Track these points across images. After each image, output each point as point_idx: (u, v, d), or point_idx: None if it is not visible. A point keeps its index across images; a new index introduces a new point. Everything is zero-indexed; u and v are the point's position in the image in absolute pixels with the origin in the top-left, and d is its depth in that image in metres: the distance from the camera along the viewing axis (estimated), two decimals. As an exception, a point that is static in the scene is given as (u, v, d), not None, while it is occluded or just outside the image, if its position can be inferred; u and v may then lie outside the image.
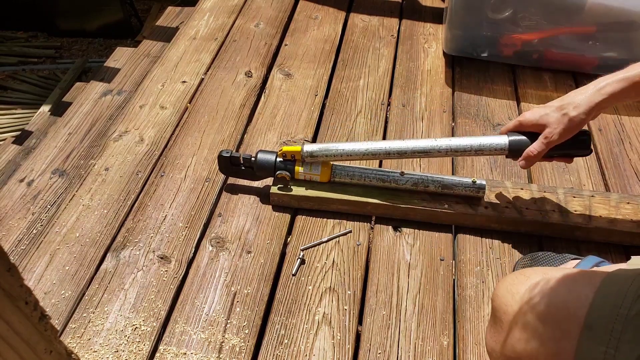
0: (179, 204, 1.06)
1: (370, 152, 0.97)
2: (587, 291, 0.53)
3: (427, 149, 0.95)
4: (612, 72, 1.44)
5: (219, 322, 0.88)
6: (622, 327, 0.49)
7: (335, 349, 0.85)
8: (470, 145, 0.94)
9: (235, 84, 1.37)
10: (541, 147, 0.88)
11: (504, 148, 0.93)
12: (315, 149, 1.00)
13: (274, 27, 1.58)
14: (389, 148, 0.97)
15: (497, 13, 1.34)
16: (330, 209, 1.04)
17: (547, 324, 0.54)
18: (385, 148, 0.97)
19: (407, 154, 0.96)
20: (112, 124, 1.26)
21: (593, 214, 1.00)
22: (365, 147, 0.97)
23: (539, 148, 0.88)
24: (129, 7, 2.86)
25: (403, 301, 0.92)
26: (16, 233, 1.02)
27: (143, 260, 0.96)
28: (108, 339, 0.85)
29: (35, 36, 2.87)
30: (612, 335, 0.49)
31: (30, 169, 1.16)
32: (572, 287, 0.55)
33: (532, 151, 0.89)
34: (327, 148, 0.99)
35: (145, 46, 1.62)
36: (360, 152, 0.98)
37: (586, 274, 0.57)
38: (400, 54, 1.50)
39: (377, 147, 0.97)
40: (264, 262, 0.97)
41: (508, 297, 0.59)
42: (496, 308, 0.61)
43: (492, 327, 0.62)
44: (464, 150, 0.94)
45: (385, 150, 0.97)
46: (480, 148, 0.94)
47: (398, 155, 0.97)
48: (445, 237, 1.02)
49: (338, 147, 0.98)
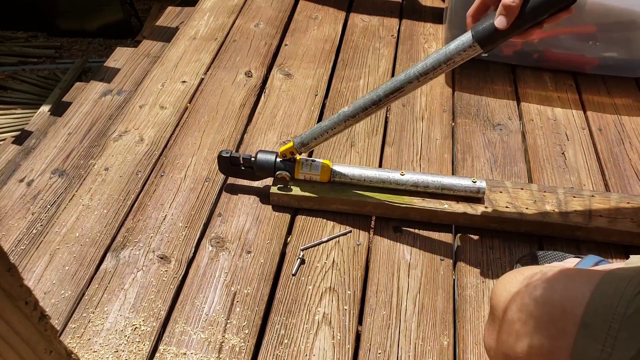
0: (178, 203, 1.06)
1: (349, 115, 0.94)
2: (584, 289, 0.53)
3: (398, 85, 0.89)
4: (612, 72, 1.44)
5: (219, 322, 0.88)
6: (619, 325, 0.49)
7: (335, 349, 0.85)
8: (437, 59, 0.85)
9: (235, 83, 1.37)
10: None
11: (471, 44, 0.80)
12: (304, 137, 0.99)
13: (274, 27, 1.58)
14: (364, 103, 0.92)
15: (497, 13, 1.33)
16: (330, 209, 1.04)
17: (543, 322, 0.54)
18: (360, 105, 0.93)
19: (381, 100, 0.91)
20: (112, 124, 1.26)
21: (593, 214, 1.00)
22: (343, 114, 0.95)
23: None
24: (129, 7, 2.86)
25: (403, 301, 0.92)
26: (16, 233, 1.02)
27: (143, 260, 0.96)
28: (108, 339, 0.85)
29: (35, 36, 2.87)
30: (609, 334, 0.49)
31: (30, 169, 1.16)
32: (569, 286, 0.55)
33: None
34: (312, 131, 0.98)
35: (145, 46, 1.62)
36: (340, 119, 0.95)
37: (583, 273, 0.57)
38: (400, 54, 1.50)
39: (353, 107, 0.94)
40: (264, 262, 0.97)
41: (505, 296, 0.59)
42: (494, 306, 0.61)
43: (490, 324, 0.62)
44: (434, 67, 0.86)
45: (361, 106, 0.93)
46: (448, 57, 0.83)
47: (376, 107, 0.92)
48: (445, 237, 1.02)
49: (321, 125, 0.97)
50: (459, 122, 1.28)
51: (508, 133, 1.25)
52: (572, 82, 1.40)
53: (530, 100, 1.34)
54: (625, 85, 1.38)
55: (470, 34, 0.81)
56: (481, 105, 1.33)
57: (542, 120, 1.28)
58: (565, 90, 1.37)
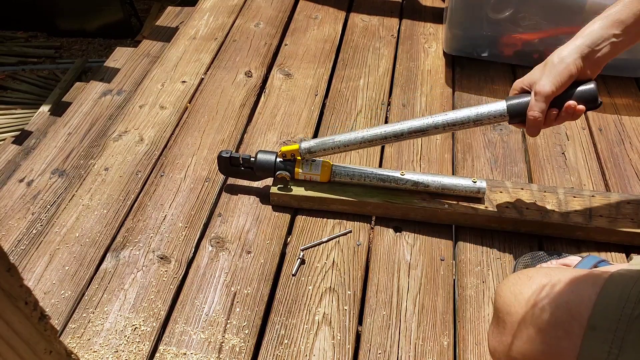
0: (178, 204, 1.06)
1: (367, 140, 0.95)
2: (590, 292, 0.53)
3: (423, 127, 0.92)
4: (612, 72, 1.44)
5: (219, 322, 0.88)
6: (626, 327, 0.49)
7: (335, 349, 0.85)
8: (468, 116, 0.89)
9: (235, 83, 1.37)
10: (538, 105, 0.82)
11: (503, 114, 0.87)
12: (312, 144, 0.99)
13: (274, 27, 1.58)
14: (385, 132, 0.94)
15: (498, 13, 1.34)
16: (330, 209, 1.04)
17: (550, 325, 0.54)
18: (381, 133, 0.94)
19: (403, 135, 0.93)
20: (111, 124, 1.26)
21: (593, 214, 1.00)
22: (361, 135, 0.95)
23: (536, 107, 0.82)
24: (129, 7, 2.86)
25: (403, 301, 0.92)
26: (16, 233, 1.02)
27: (143, 260, 0.96)
28: (108, 339, 0.85)
29: (35, 36, 2.87)
30: (616, 336, 0.49)
31: (30, 169, 1.16)
32: (576, 288, 0.55)
33: (531, 113, 0.83)
34: (323, 142, 0.99)
35: (145, 46, 1.62)
36: (357, 140, 0.96)
37: (589, 275, 0.57)
38: (401, 53, 1.50)
39: (373, 133, 0.95)
40: (264, 262, 0.97)
41: (511, 298, 0.59)
42: (499, 308, 0.61)
43: (494, 327, 0.62)
44: (462, 122, 0.90)
45: (381, 135, 0.94)
46: (479, 118, 0.89)
47: (395, 139, 0.94)
48: (446, 237, 1.02)
49: (334, 139, 0.98)
50: (459, 122, 1.28)
51: (508, 133, 1.25)
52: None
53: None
54: (626, 85, 1.38)
55: (504, 105, 0.87)
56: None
57: (542, 120, 1.28)
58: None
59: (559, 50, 0.83)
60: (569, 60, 0.81)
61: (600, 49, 0.81)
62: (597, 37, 0.80)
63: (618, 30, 0.79)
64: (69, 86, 2.10)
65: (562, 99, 0.83)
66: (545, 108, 0.82)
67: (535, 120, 0.83)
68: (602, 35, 0.80)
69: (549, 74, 0.82)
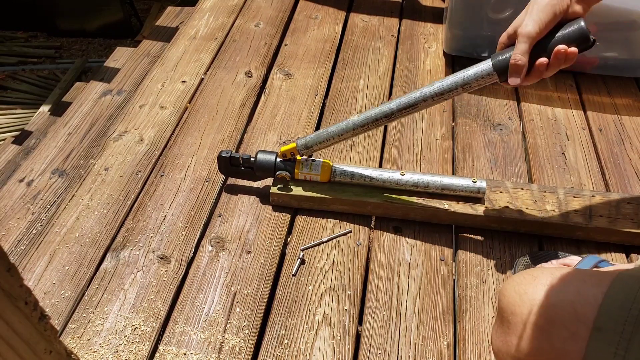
0: (178, 204, 1.06)
1: (359, 125, 0.94)
2: (596, 292, 0.53)
3: (412, 101, 0.89)
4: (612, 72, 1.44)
5: (219, 322, 0.88)
6: (632, 328, 0.49)
7: (335, 349, 0.85)
8: (455, 82, 0.86)
9: (235, 83, 1.37)
10: (520, 47, 0.76)
11: (490, 72, 0.82)
12: (308, 139, 0.99)
13: (274, 27, 1.58)
14: (375, 114, 0.93)
15: (498, 13, 1.34)
16: (330, 209, 1.04)
17: (555, 325, 0.54)
18: (372, 115, 0.93)
19: (394, 114, 0.91)
20: (111, 124, 1.26)
21: (593, 214, 1.00)
22: (352, 122, 0.95)
23: (518, 49, 0.76)
24: (129, 7, 2.86)
25: (403, 301, 0.92)
26: (16, 233, 1.02)
27: (143, 260, 0.96)
28: (108, 339, 0.85)
29: (35, 36, 2.87)
30: (622, 337, 0.49)
31: (30, 169, 1.16)
32: (581, 289, 0.54)
33: (514, 56, 0.77)
34: (318, 135, 0.98)
35: (145, 46, 1.62)
36: (350, 127, 0.95)
37: (595, 275, 0.57)
38: (401, 53, 1.50)
39: (364, 117, 0.94)
40: (264, 262, 0.97)
41: (515, 298, 0.59)
42: (503, 308, 0.60)
43: (498, 327, 0.61)
44: (450, 90, 0.87)
45: (372, 117, 0.93)
46: (466, 81, 0.85)
47: (386, 119, 0.92)
48: (446, 237, 1.02)
49: (328, 130, 0.97)
50: (459, 122, 1.28)
51: (508, 133, 1.25)
52: (572, 82, 1.40)
53: (531, 100, 1.34)
54: (626, 85, 1.38)
55: (490, 63, 0.82)
56: (481, 105, 1.33)
57: (542, 120, 1.28)
58: (565, 90, 1.37)
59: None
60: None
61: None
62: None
63: None
64: (69, 86, 2.10)
65: (550, 44, 0.77)
66: (527, 50, 0.76)
67: (516, 65, 0.77)
68: None
69: (531, 13, 0.75)
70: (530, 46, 0.76)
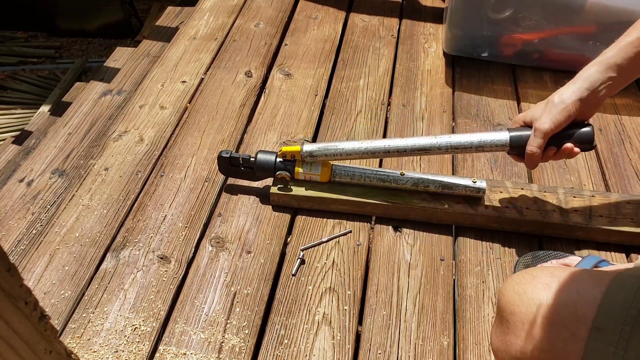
0: (178, 204, 1.06)
1: (370, 151, 0.97)
2: (595, 292, 0.53)
3: (427, 146, 0.95)
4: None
5: (219, 322, 0.88)
6: (631, 328, 0.49)
7: (335, 349, 0.85)
8: (471, 142, 0.93)
9: (235, 83, 1.37)
10: (537, 141, 0.88)
11: (505, 144, 0.92)
12: (315, 149, 0.99)
13: (274, 27, 1.58)
14: (389, 146, 0.96)
15: (498, 13, 1.34)
16: (330, 209, 1.04)
17: (554, 325, 0.54)
18: (384, 146, 0.96)
19: (406, 152, 0.96)
20: (111, 124, 1.26)
21: (593, 214, 1.00)
22: (364, 146, 0.97)
23: (534, 142, 0.88)
24: (129, 7, 2.86)
25: (403, 301, 0.92)
26: (16, 233, 1.02)
27: (143, 260, 0.96)
28: (108, 339, 0.85)
29: (35, 36, 2.87)
30: (621, 336, 0.49)
31: (30, 169, 1.16)
32: (581, 288, 0.55)
33: (529, 147, 0.89)
34: (326, 147, 0.99)
35: (145, 46, 1.62)
36: (360, 151, 0.97)
37: (594, 275, 0.57)
38: (401, 53, 1.50)
39: (377, 145, 0.97)
40: (264, 262, 0.97)
41: (515, 297, 0.59)
42: (502, 308, 0.61)
43: (498, 327, 0.62)
44: (465, 147, 0.93)
45: (384, 148, 0.96)
46: (481, 145, 0.93)
47: (397, 154, 0.97)
48: (446, 237, 1.02)
49: (337, 146, 0.98)
50: (459, 122, 1.28)
51: (508, 133, 1.25)
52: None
53: (531, 100, 1.34)
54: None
55: (507, 136, 0.92)
56: (481, 105, 1.33)
57: (542, 120, 1.28)
58: (565, 90, 1.37)
59: (560, 91, 0.88)
60: (569, 101, 0.86)
61: (598, 91, 0.86)
62: (595, 80, 0.85)
63: (614, 73, 0.84)
64: (69, 86, 2.10)
65: (560, 138, 0.89)
66: (542, 144, 0.88)
67: (532, 155, 0.89)
68: (600, 78, 0.85)
69: (549, 113, 0.87)
70: (545, 141, 0.88)
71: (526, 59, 1.41)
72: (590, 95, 0.86)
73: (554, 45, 1.37)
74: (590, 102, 0.86)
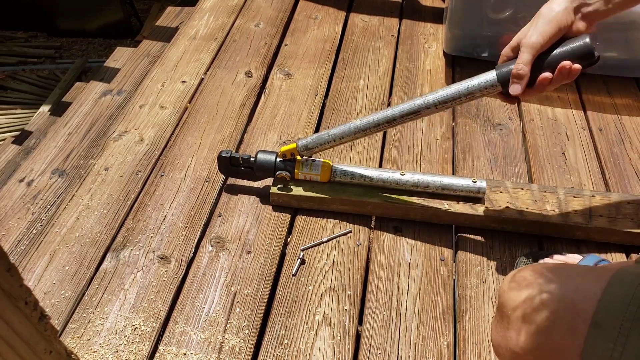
0: (178, 204, 1.06)
1: (361, 129, 0.95)
2: (595, 288, 0.53)
3: (415, 108, 0.90)
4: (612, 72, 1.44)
5: (219, 322, 0.88)
6: (630, 324, 0.49)
7: (335, 349, 0.85)
8: (459, 91, 0.87)
9: (235, 83, 1.37)
10: (525, 57, 0.77)
11: (494, 83, 0.83)
12: (309, 141, 0.99)
13: (274, 27, 1.58)
14: (377, 119, 0.93)
15: (498, 13, 1.34)
16: (330, 209, 1.04)
17: (554, 321, 0.54)
18: (374, 120, 0.93)
19: (396, 120, 0.92)
20: (111, 124, 1.26)
21: (593, 214, 1.00)
22: (354, 125, 0.95)
23: (522, 59, 0.77)
24: (129, 7, 2.86)
25: (403, 301, 0.92)
26: (16, 233, 1.02)
27: (143, 260, 0.96)
28: (108, 339, 0.85)
29: (35, 36, 2.87)
30: (620, 332, 0.49)
31: (30, 169, 1.16)
32: (580, 284, 0.55)
33: (517, 66, 0.78)
34: (319, 137, 0.99)
35: (145, 46, 1.62)
36: (351, 130, 0.96)
37: (594, 271, 0.57)
38: (401, 53, 1.50)
39: (366, 121, 0.94)
40: (264, 262, 0.97)
41: (515, 293, 0.59)
42: (503, 304, 0.61)
43: (498, 322, 0.62)
44: (454, 98, 0.87)
45: (374, 122, 0.93)
46: (470, 91, 0.86)
47: (388, 124, 0.93)
48: (446, 237, 1.02)
49: (329, 133, 0.98)
50: (459, 122, 1.28)
51: (508, 133, 1.25)
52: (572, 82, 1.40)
53: (531, 100, 1.34)
54: (625, 85, 1.38)
55: (494, 74, 0.83)
56: (481, 105, 1.33)
57: (542, 120, 1.28)
58: (565, 90, 1.37)
59: (549, 2, 0.78)
60: (558, 9, 0.76)
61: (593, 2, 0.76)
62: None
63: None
64: (69, 86, 2.10)
65: (554, 59, 0.77)
66: (530, 60, 0.77)
67: (518, 73, 0.78)
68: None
69: (536, 25, 0.77)
70: (534, 57, 0.77)
71: (526, 58, 1.41)
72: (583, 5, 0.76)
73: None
74: (584, 13, 0.77)
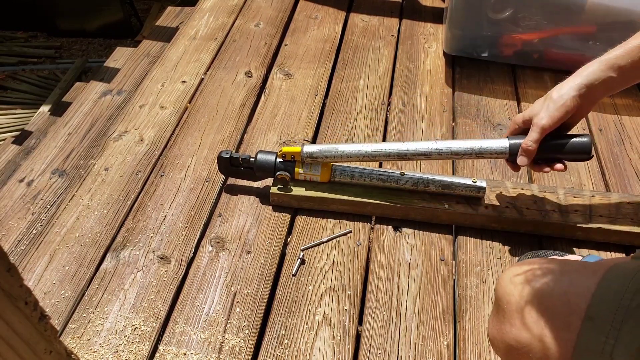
0: (178, 204, 1.06)
1: (370, 154, 0.97)
2: (589, 283, 0.53)
3: (427, 151, 0.95)
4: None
5: (219, 322, 0.88)
6: (622, 318, 0.49)
7: (335, 349, 0.85)
8: (471, 148, 0.93)
9: (235, 83, 1.37)
10: (534, 136, 0.88)
11: (505, 151, 0.92)
12: (315, 150, 0.99)
13: (274, 27, 1.58)
14: (389, 150, 0.96)
15: (498, 13, 1.34)
16: (330, 209, 1.04)
17: (548, 314, 0.55)
18: (385, 150, 0.96)
19: (407, 156, 0.96)
20: (111, 124, 1.26)
21: (593, 214, 1.00)
22: (365, 149, 0.97)
23: (531, 137, 0.88)
24: (129, 7, 2.86)
25: (403, 301, 0.92)
26: (16, 233, 1.02)
27: (143, 260, 0.96)
28: (108, 339, 0.85)
29: (35, 36, 2.87)
30: (613, 326, 0.50)
31: (30, 169, 1.16)
32: (575, 279, 0.56)
33: (526, 142, 0.89)
34: (326, 149, 0.99)
35: (145, 46, 1.62)
36: (360, 154, 0.97)
37: (589, 266, 0.58)
38: (401, 53, 1.50)
39: (377, 149, 0.97)
40: (264, 262, 0.97)
41: (511, 287, 0.60)
42: (499, 297, 0.61)
43: (494, 316, 0.63)
44: (465, 153, 0.94)
45: (385, 152, 0.97)
46: (481, 151, 0.93)
47: (398, 158, 0.97)
48: (446, 237, 1.02)
49: (338, 148, 0.98)
50: (459, 122, 1.28)
51: (508, 133, 1.25)
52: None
53: (531, 100, 1.34)
54: (626, 85, 1.38)
55: (507, 143, 0.92)
56: (481, 105, 1.33)
57: (542, 120, 1.28)
58: (565, 90, 1.37)
59: (558, 87, 0.88)
60: (567, 97, 0.86)
61: (597, 89, 0.86)
62: (595, 79, 0.85)
63: (615, 74, 0.84)
64: (69, 86, 2.10)
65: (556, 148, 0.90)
66: (539, 139, 0.88)
67: (527, 149, 0.89)
68: (600, 77, 0.85)
69: (547, 108, 0.88)
70: (542, 136, 0.88)
71: (526, 59, 1.41)
72: (588, 93, 0.86)
73: (554, 45, 1.37)
74: (588, 99, 0.86)
